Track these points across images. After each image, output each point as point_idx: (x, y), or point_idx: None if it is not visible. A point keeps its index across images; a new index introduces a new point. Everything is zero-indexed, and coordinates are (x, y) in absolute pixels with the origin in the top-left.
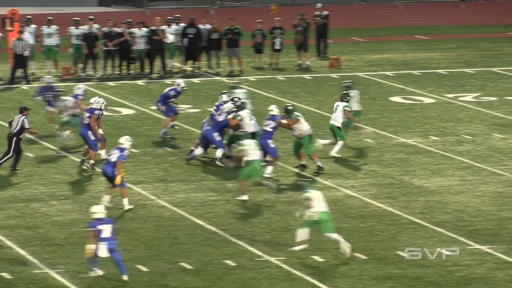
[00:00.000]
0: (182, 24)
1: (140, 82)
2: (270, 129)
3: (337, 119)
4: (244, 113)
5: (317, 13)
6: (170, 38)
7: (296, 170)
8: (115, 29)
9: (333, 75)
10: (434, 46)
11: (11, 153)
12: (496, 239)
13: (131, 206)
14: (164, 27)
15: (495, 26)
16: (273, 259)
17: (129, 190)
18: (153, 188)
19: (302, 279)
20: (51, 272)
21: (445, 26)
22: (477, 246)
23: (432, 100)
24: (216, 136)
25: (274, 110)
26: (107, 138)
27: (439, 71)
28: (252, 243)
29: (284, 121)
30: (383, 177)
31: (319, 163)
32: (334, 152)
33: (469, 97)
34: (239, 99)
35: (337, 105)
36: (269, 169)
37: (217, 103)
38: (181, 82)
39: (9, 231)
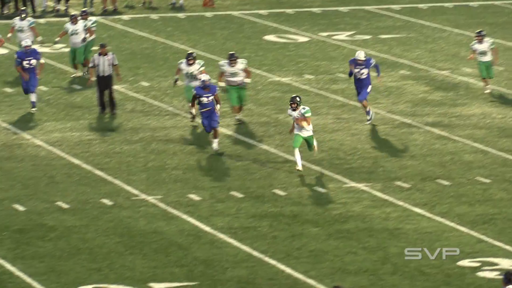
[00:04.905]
0: None
1: None
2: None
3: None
4: None
5: None
6: None
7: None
8: None
9: (207, 14)
10: None
11: None
12: (372, 176)
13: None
14: None
15: None
16: (149, 198)
17: (3, 130)
18: (28, 127)
19: (179, 218)
20: None
21: None
22: (353, 184)
23: (306, 39)
24: None
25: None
26: None
27: (313, 9)
28: (129, 182)
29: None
30: (258, 115)
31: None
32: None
33: (343, 35)
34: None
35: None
36: None
37: None
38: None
39: None
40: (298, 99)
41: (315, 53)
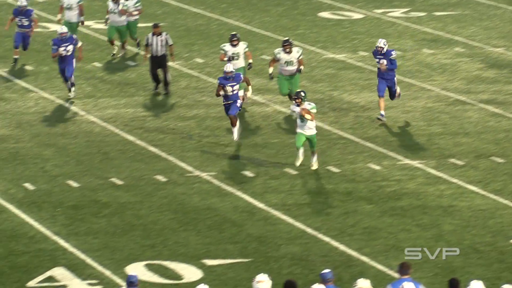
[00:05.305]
0: None
1: None
2: None
3: None
4: None
5: None
6: None
7: None
8: None
9: None
10: None
11: None
12: (426, 154)
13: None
14: None
15: None
16: (203, 174)
17: (57, 107)
18: (82, 103)
19: (233, 194)
20: None
21: None
22: (407, 161)
23: (361, 16)
24: None
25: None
26: (36, 55)
27: None
28: (183, 158)
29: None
30: (313, 92)
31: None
32: None
33: (397, 12)
34: None
35: None
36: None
37: None
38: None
39: None
40: (303, 94)
41: (369, 30)
